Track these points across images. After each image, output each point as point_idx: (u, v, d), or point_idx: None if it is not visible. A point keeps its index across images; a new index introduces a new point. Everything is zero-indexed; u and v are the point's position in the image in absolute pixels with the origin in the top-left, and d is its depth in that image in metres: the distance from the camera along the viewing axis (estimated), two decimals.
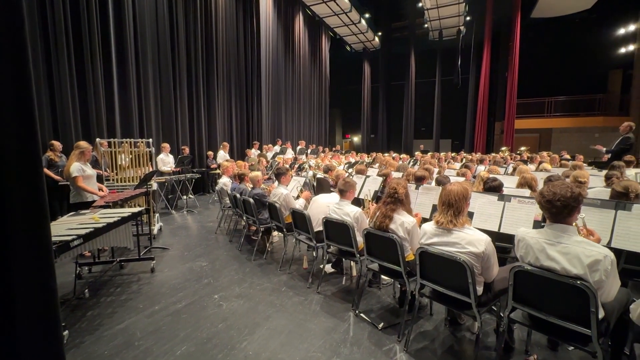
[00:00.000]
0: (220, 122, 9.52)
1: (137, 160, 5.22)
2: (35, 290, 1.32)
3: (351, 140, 22.69)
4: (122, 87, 6.41)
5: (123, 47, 6.35)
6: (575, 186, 1.62)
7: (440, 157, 10.04)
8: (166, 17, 7.43)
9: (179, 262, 3.88)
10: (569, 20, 14.89)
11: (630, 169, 5.21)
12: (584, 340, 1.61)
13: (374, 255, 2.57)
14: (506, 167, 6.36)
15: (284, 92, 13.07)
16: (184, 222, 5.95)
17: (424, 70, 17.86)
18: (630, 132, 6.16)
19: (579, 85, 14.98)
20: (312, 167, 7.25)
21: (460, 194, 1.93)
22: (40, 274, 1.34)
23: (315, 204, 3.40)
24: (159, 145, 6.94)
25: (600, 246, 1.54)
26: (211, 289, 3.16)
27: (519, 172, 4.35)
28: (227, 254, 4.22)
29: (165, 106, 7.53)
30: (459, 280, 1.91)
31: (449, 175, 4.52)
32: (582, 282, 1.51)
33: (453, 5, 14.25)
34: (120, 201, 3.79)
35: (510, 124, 14.61)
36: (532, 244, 1.70)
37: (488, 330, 2.44)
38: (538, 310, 1.73)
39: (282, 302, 2.90)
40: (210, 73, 8.92)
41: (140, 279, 3.39)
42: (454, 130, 18.00)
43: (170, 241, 4.72)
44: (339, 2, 13.36)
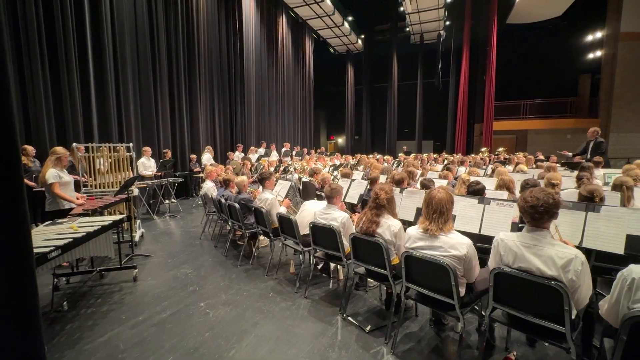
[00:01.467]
0: (203, 124, 9.37)
1: (117, 165, 5.07)
2: (16, 301, 1.28)
3: (336, 142, 22.81)
4: (100, 89, 6.21)
5: (100, 48, 6.15)
6: (554, 193, 1.72)
7: (422, 158, 10.27)
8: (145, 18, 7.25)
9: (163, 270, 3.80)
10: (542, 27, 15.60)
11: (599, 170, 5.52)
12: (559, 337, 1.70)
13: (360, 259, 2.61)
14: (485, 168, 6.58)
15: (268, 94, 13.00)
16: (167, 227, 5.81)
17: (406, 72, 18.22)
18: (598, 136, 6.51)
19: (552, 88, 15.73)
20: (297, 170, 7.25)
21: (448, 201, 2.01)
22: (21, 285, 1.30)
23: (306, 212, 3.40)
24: (139, 149, 6.76)
25: (572, 248, 1.64)
26: (197, 297, 3.11)
27: (497, 174, 4.52)
28: (212, 260, 4.16)
29: (145, 109, 7.34)
30: (442, 283, 1.97)
31: (431, 177, 4.65)
32: (556, 282, 1.60)
33: (433, 10, 14.62)
34: (99, 208, 3.67)
35: (489, 126, 15.14)
36: (511, 246, 1.79)
37: (470, 329, 2.53)
38: (517, 309, 1.81)
39: (270, 308, 2.89)
40: (192, 75, 8.76)
41: (122, 288, 3.30)
42: (436, 131, 18.46)
43: (153, 248, 4.60)
44: (322, 4, 13.43)
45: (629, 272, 1.38)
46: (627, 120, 14.15)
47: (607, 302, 1.51)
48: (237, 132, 10.99)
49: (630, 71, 13.79)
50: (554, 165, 5.03)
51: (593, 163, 5.44)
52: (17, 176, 1.30)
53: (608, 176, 5.08)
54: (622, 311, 1.41)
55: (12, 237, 1.28)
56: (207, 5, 9.30)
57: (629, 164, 4.67)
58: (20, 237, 1.30)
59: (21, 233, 1.30)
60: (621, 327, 1.39)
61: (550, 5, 13.80)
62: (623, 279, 1.40)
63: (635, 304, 1.35)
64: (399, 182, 3.78)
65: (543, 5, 13.78)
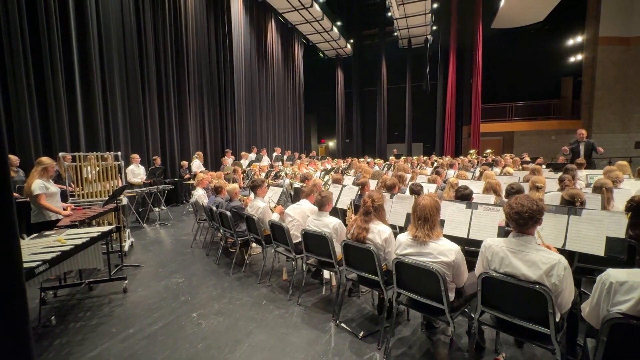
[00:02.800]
0: (193, 130, 9.30)
1: (105, 173, 5.00)
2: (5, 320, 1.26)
3: (327, 145, 22.90)
4: (86, 96, 6.11)
5: (86, 54, 6.07)
6: (538, 199, 1.78)
7: (412, 161, 10.41)
8: (133, 23, 7.19)
9: (154, 280, 3.75)
10: (525, 31, 16.07)
11: (582, 171, 5.70)
12: (544, 339, 1.76)
13: (352, 265, 2.64)
14: (473, 171, 6.72)
15: (259, 99, 13.00)
16: (157, 236, 5.74)
17: (395, 76, 18.47)
18: (584, 137, 6.73)
19: (536, 91, 16.18)
20: (288, 176, 7.26)
21: (433, 208, 2.06)
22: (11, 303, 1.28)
23: (289, 218, 3.42)
24: (128, 157, 6.67)
25: (556, 253, 1.70)
26: (189, 307, 3.08)
27: (485, 177, 4.63)
28: (204, 268, 4.13)
29: (133, 115, 7.25)
30: (432, 288, 2.02)
31: (421, 181, 4.73)
32: (540, 286, 1.66)
33: (420, 15, 14.89)
34: (87, 219, 3.61)
35: (476, 128, 15.45)
36: (498, 252, 1.84)
37: (461, 332, 2.58)
38: (504, 313, 1.86)
39: (263, 317, 2.89)
40: (181, 80, 8.71)
41: (112, 300, 3.25)
42: (425, 134, 18.73)
43: (143, 258, 4.54)
44: (311, 10, 13.54)
45: (607, 276, 1.44)
46: (608, 122, 14.64)
47: (589, 305, 1.57)
48: (228, 138, 10.95)
49: (610, 74, 14.30)
50: (539, 168, 5.17)
51: (576, 165, 5.62)
52: (5, 187, 1.27)
53: (590, 177, 5.24)
54: (602, 313, 1.47)
55: (2, 252, 1.25)
56: (196, 11, 9.28)
57: (610, 166, 4.84)
58: (11, 252, 1.28)
59: (11, 247, 1.28)
60: (601, 329, 1.45)
61: (533, 10, 14.23)
62: (602, 282, 1.46)
63: (614, 306, 1.41)
64: (390, 187, 3.83)
65: (525, 10, 14.20)
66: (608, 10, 13.85)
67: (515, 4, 13.48)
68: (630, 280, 1.37)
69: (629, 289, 1.36)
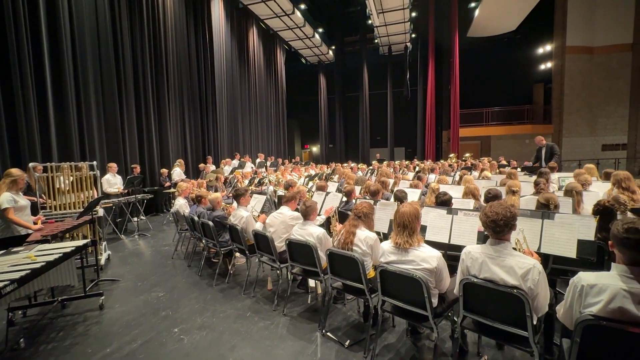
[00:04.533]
0: (173, 137, 9.09)
1: (79, 184, 4.79)
2: None
3: (310, 151, 22.94)
4: (59, 103, 5.87)
5: (59, 58, 5.84)
6: (511, 206, 1.85)
7: (395, 166, 10.58)
8: (109, 28, 6.99)
9: (132, 295, 3.61)
10: (499, 40, 16.82)
11: (555, 174, 5.97)
12: (523, 341, 1.82)
13: (337, 274, 2.64)
14: (453, 175, 6.91)
15: (241, 105, 12.89)
16: (136, 247, 5.54)
17: (377, 82, 18.80)
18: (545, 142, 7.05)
19: (510, 97, 16.90)
20: (272, 183, 7.21)
21: (412, 215, 2.10)
22: None
23: (270, 228, 3.39)
24: (104, 166, 6.43)
25: (530, 258, 1.77)
26: (170, 322, 2.98)
27: (464, 181, 4.77)
28: (186, 280, 4.02)
29: (110, 123, 7.02)
30: (416, 295, 2.05)
31: (403, 186, 4.81)
32: (518, 290, 1.71)
33: (399, 23, 15.28)
34: (60, 233, 3.44)
35: (455, 133, 15.93)
36: (477, 258, 1.90)
37: (444, 336, 2.62)
38: (485, 317, 1.91)
39: (248, 329, 2.84)
40: (161, 86, 8.52)
41: (87, 318, 3.10)
42: (407, 138, 19.13)
43: (121, 271, 4.37)
44: (293, 17, 13.62)
45: (578, 280, 1.51)
46: (577, 126, 15.46)
47: (563, 307, 1.63)
48: (210, 144, 10.77)
49: (577, 81, 15.14)
50: (515, 172, 5.39)
51: (549, 168, 5.89)
52: None
53: (562, 180, 5.50)
54: (575, 315, 1.53)
55: None
56: (175, 16, 9.14)
57: (579, 169, 5.09)
58: None
59: None
60: (575, 330, 1.51)
61: (505, 21, 14.92)
62: (574, 285, 1.53)
63: (586, 308, 1.48)
64: (374, 193, 3.88)
65: (498, 20, 14.87)
66: (573, 21, 14.71)
67: (489, 14, 14.09)
68: (600, 283, 1.44)
69: (599, 292, 1.43)
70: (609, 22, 14.53)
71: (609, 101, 15.07)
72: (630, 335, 1.38)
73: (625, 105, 14.92)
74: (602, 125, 15.29)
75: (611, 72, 14.89)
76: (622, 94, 14.88)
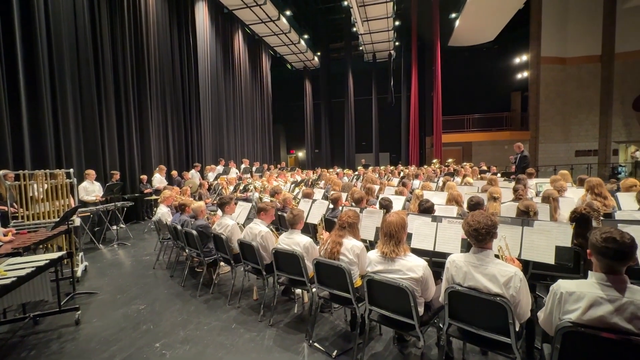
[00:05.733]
0: (155, 142, 8.87)
1: (54, 192, 4.58)
2: None
3: (296, 156, 22.91)
4: (33, 107, 5.62)
5: (33, 59, 5.61)
6: (491, 215, 1.90)
7: (380, 172, 10.71)
8: (88, 31, 6.78)
9: (111, 308, 3.46)
10: (479, 50, 17.45)
11: (532, 179, 6.20)
12: (506, 347, 1.85)
13: (324, 283, 2.63)
14: (437, 181, 7.06)
15: (225, 109, 12.75)
16: (115, 257, 5.34)
17: (361, 88, 19.07)
18: (522, 149, 7.39)
19: (490, 104, 17.51)
20: (257, 189, 7.14)
21: (399, 225, 2.12)
22: None
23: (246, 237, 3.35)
24: (81, 173, 6.19)
25: (512, 266, 1.82)
26: (151, 337, 2.88)
27: (447, 187, 4.88)
28: (168, 292, 3.89)
29: (88, 129, 6.77)
30: (403, 305, 2.06)
31: (388, 193, 4.87)
32: (500, 298, 1.76)
33: (383, 32, 15.60)
34: (33, 245, 3.28)
35: (438, 139, 16.31)
36: (461, 266, 1.93)
37: (430, 343, 2.65)
38: (469, 324, 1.95)
39: (233, 342, 2.77)
40: (142, 91, 8.31)
41: (62, 335, 2.94)
42: (392, 144, 19.44)
43: (99, 283, 4.19)
44: (278, 23, 13.65)
45: (557, 287, 1.56)
46: (552, 132, 16.17)
47: (543, 313, 1.68)
48: (193, 150, 10.57)
49: (551, 90, 15.88)
50: (495, 178, 5.56)
51: (527, 174, 6.11)
52: None
53: (539, 185, 5.72)
54: (554, 322, 1.58)
55: None
56: (157, 19, 8.98)
57: (555, 175, 5.31)
58: None
59: None
60: (555, 336, 1.56)
61: (484, 31, 15.50)
62: (554, 293, 1.58)
63: (565, 314, 1.53)
64: (358, 201, 3.90)
65: (478, 31, 15.44)
66: (547, 33, 15.46)
67: (469, 25, 14.60)
68: (578, 290, 1.49)
69: (577, 299, 1.49)
70: (580, 35, 15.37)
71: (581, 109, 15.87)
72: (607, 340, 1.43)
73: (595, 114, 15.73)
74: (575, 132, 16.06)
75: (582, 82, 15.71)
76: (592, 102, 15.70)
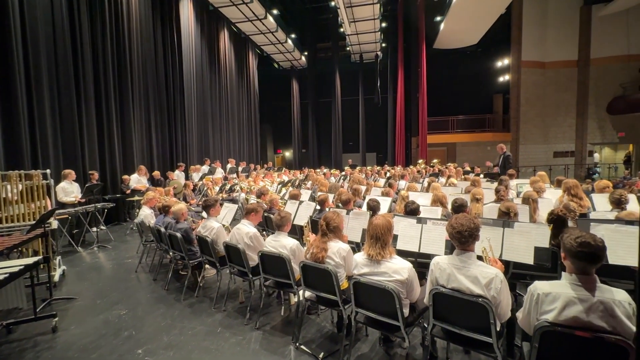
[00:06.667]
0: (138, 142, 8.63)
1: (30, 193, 4.39)
2: None
3: (283, 156, 22.79)
4: (6, 105, 5.37)
5: (7, 56, 5.34)
6: (474, 217, 1.95)
7: (367, 172, 10.80)
8: (66, 26, 6.52)
9: (90, 314, 3.35)
10: (462, 52, 17.83)
11: (513, 180, 6.39)
12: (488, 347, 1.91)
13: (310, 286, 2.63)
14: (422, 181, 7.18)
15: (211, 108, 12.55)
16: (95, 261, 5.17)
17: (348, 88, 19.16)
18: (505, 150, 7.62)
19: (473, 106, 17.93)
20: (244, 190, 7.07)
21: (385, 228, 2.14)
22: None
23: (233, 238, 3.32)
24: (59, 174, 5.96)
25: (493, 267, 1.88)
26: (133, 343, 2.80)
27: (432, 188, 4.98)
28: (150, 296, 3.80)
29: (66, 127, 6.52)
30: (388, 306, 2.09)
31: (375, 194, 4.92)
32: (482, 299, 1.80)
33: (370, 33, 15.72)
34: (7, 250, 3.13)
35: (424, 139, 16.58)
36: (444, 268, 1.97)
37: (415, 343, 2.69)
38: (453, 325, 1.99)
39: (218, 346, 2.74)
40: (124, 89, 8.07)
41: (38, 343, 2.83)
42: (378, 144, 19.61)
43: (78, 288, 4.05)
44: (265, 22, 13.54)
45: (534, 288, 1.62)
46: (532, 134, 16.72)
47: (522, 313, 1.74)
48: (178, 149, 10.36)
49: (531, 93, 16.42)
50: (478, 179, 5.70)
51: (508, 175, 6.30)
52: None
53: (520, 186, 5.90)
54: (532, 322, 1.64)
55: None
56: (140, 16, 8.73)
57: (534, 177, 5.50)
58: None
59: None
60: (533, 335, 1.62)
61: (467, 35, 15.86)
62: (531, 294, 1.64)
63: (542, 315, 1.59)
64: (345, 202, 3.92)
65: (462, 34, 15.78)
66: (527, 38, 15.98)
67: (453, 28, 14.90)
68: (554, 291, 1.55)
69: (553, 300, 1.55)
70: (558, 40, 15.97)
71: (559, 112, 16.49)
72: (582, 339, 1.50)
73: (572, 116, 16.39)
74: (553, 134, 16.67)
75: (560, 85, 16.32)
76: (569, 105, 16.35)
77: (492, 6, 13.06)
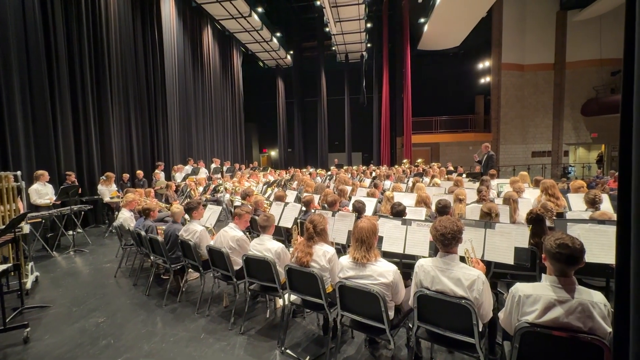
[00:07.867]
0: (117, 141, 8.34)
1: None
2: None
3: (268, 155, 22.62)
4: None
5: None
6: (457, 220, 1.98)
7: (352, 172, 10.85)
8: (38, 20, 6.20)
9: (66, 323, 3.20)
10: (446, 54, 18.20)
11: (494, 180, 6.57)
12: (470, 347, 1.94)
13: (296, 289, 2.60)
14: (407, 181, 7.27)
15: (194, 107, 12.28)
16: (71, 266, 4.96)
17: (334, 88, 19.18)
18: (489, 150, 7.83)
19: (456, 107, 18.34)
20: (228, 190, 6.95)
21: (370, 231, 2.15)
22: None
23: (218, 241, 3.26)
24: (31, 175, 5.68)
25: (475, 269, 1.91)
26: (112, 353, 2.70)
27: (417, 189, 5.04)
28: (131, 302, 3.68)
29: (39, 126, 6.21)
30: (373, 309, 2.09)
31: (360, 195, 4.94)
32: (465, 300, 1.83)
33: (355, 33, 15.79)
34: None
35: (408, 139, 16.83)
36: (429, 271, 1.99)
37: (400, 344, 2.71)
38: (437, 326, 2.01)
39: (202, 353, 2.67)
40: (102, 87, 7.76)
41: (7, 355, 2.68)
42: (364, 144, 19.75)
43: (52, 295, 3.87)
44: (250, 20, 13.36)
45: (515, 290, 1.66)
46: (511, 135, 17.25)
47: (504, 314, 1.78)
48: (160, 149, 10.07)
49: (511, 94, 16.94)
50: (461, 180, 5.83)
51: (489, 175, 6.46)
52: None
53: (500, 186, 6.07)
54: (514, 322, 1.67)
55: None
56: (119, 11, 8.42)
57: (514, 177, 5.66)
58: None
59: None
60: (514, 336, 1.65)
61: (450, 37, 16.19)
62: (512, 295, 1.67)
63: (523, 316, 1.62)
64: (331, 204, 3.91)
65: (444, 36, 16.10)
66: (507, 41, 16.47)
67: (436, 30, 15.17)
68: (535, 293, 1.59)
69: (534, 301, 1.58)
70: (536, 44, 16.53)
71: (537, 113, 17.09)
72: (560, 338, 1.54)
73: (549, 117, 17.02)
74: (531, 135, 17.26)
75: (538, 87, 16.91)
76: (546, 107, 16.97)
77: (474, 9, 13.37)
